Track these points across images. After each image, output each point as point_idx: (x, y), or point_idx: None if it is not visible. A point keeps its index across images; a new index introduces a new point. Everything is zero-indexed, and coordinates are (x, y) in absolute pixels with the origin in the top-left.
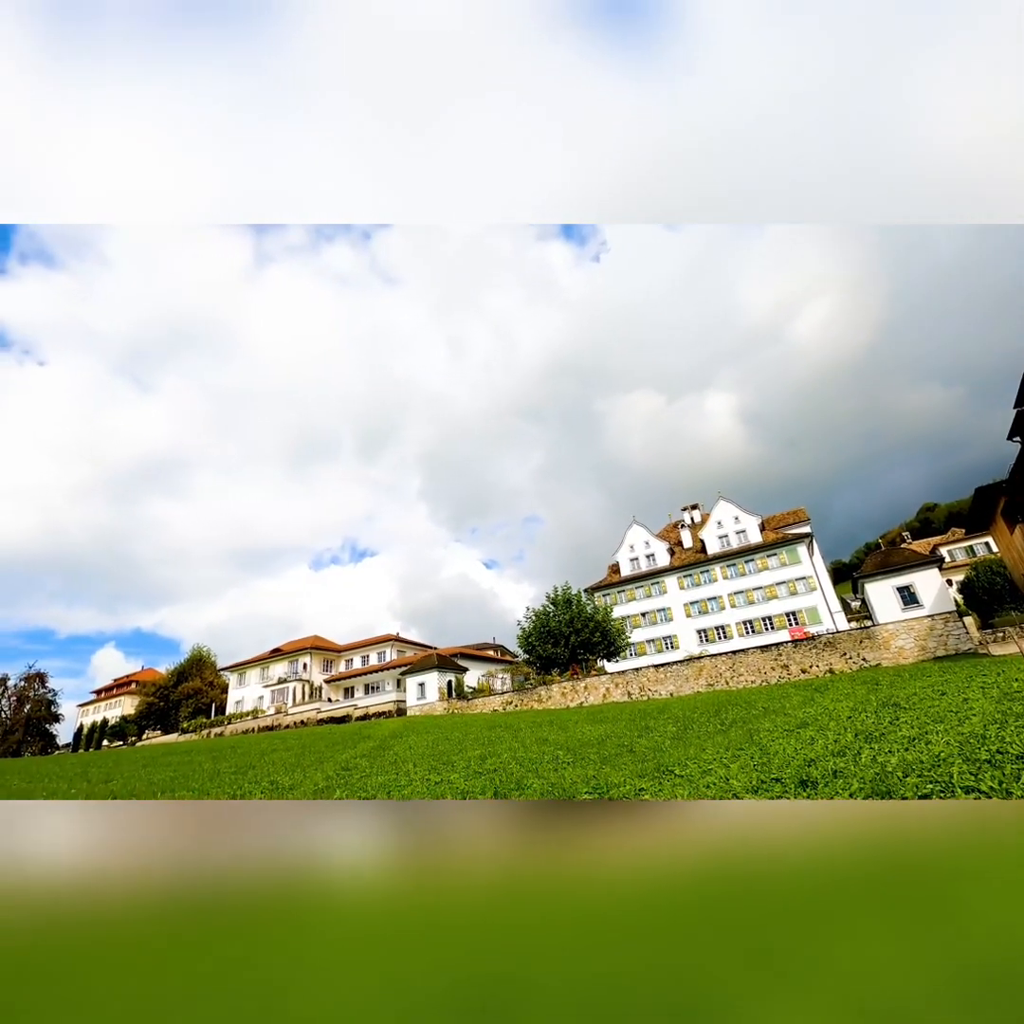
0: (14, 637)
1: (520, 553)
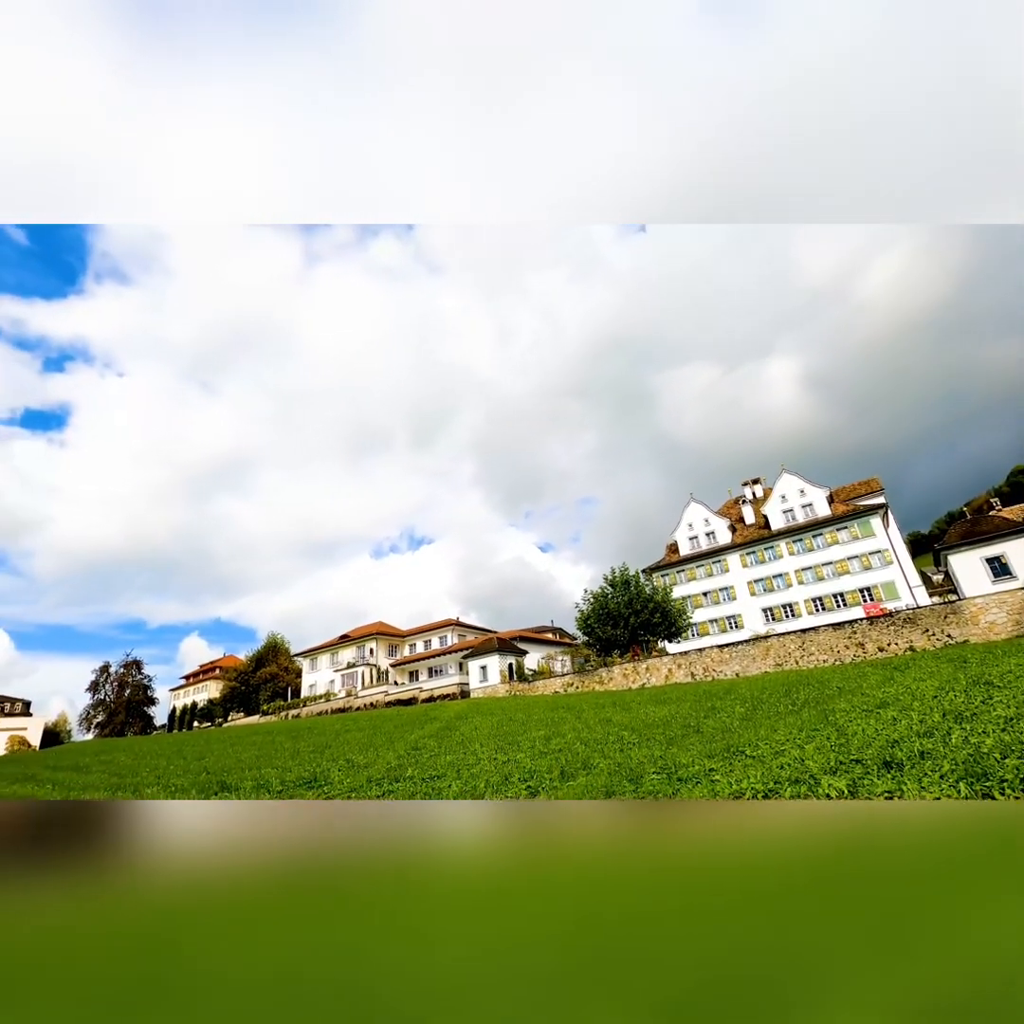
0: (112, 628)
1: (576, 535)
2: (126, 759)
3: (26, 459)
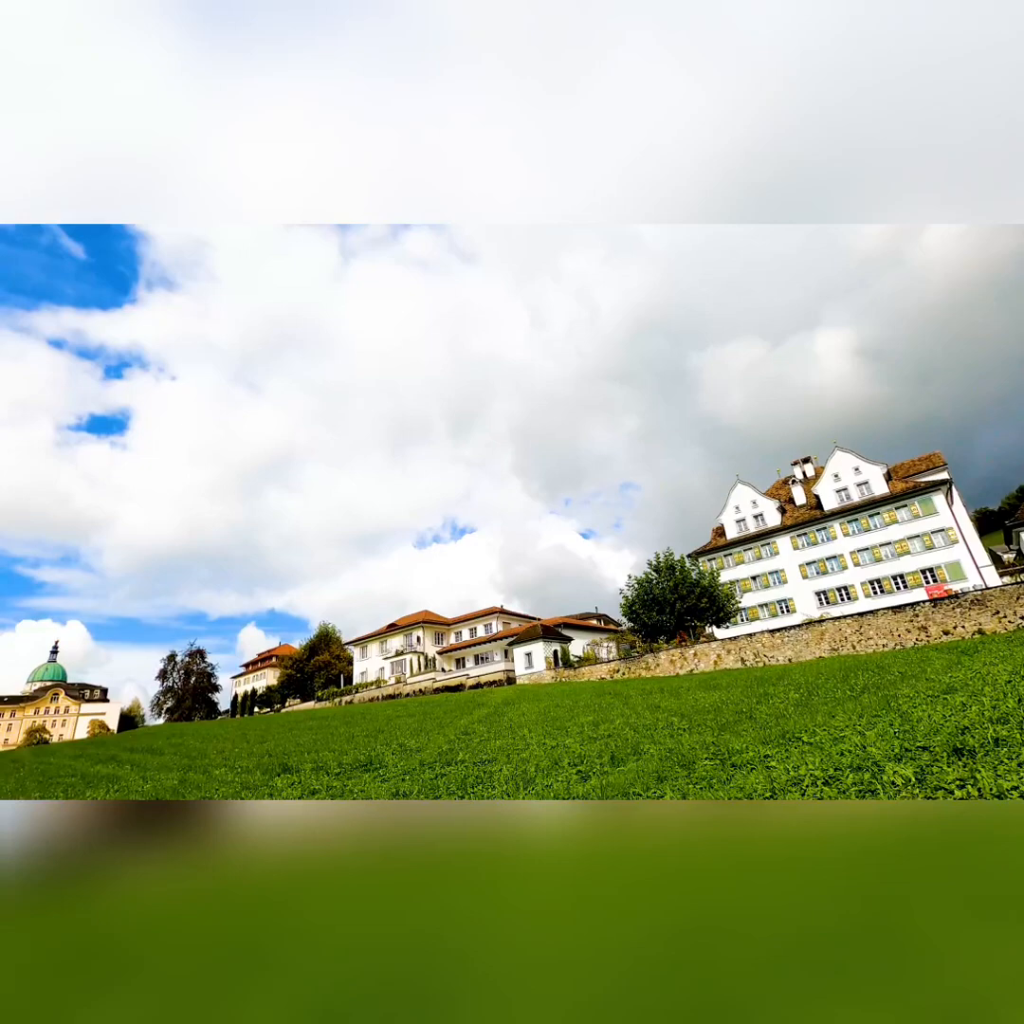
0: (176, 620)
1: (618, 521)
2: (195, 742)
3: (92, 462)
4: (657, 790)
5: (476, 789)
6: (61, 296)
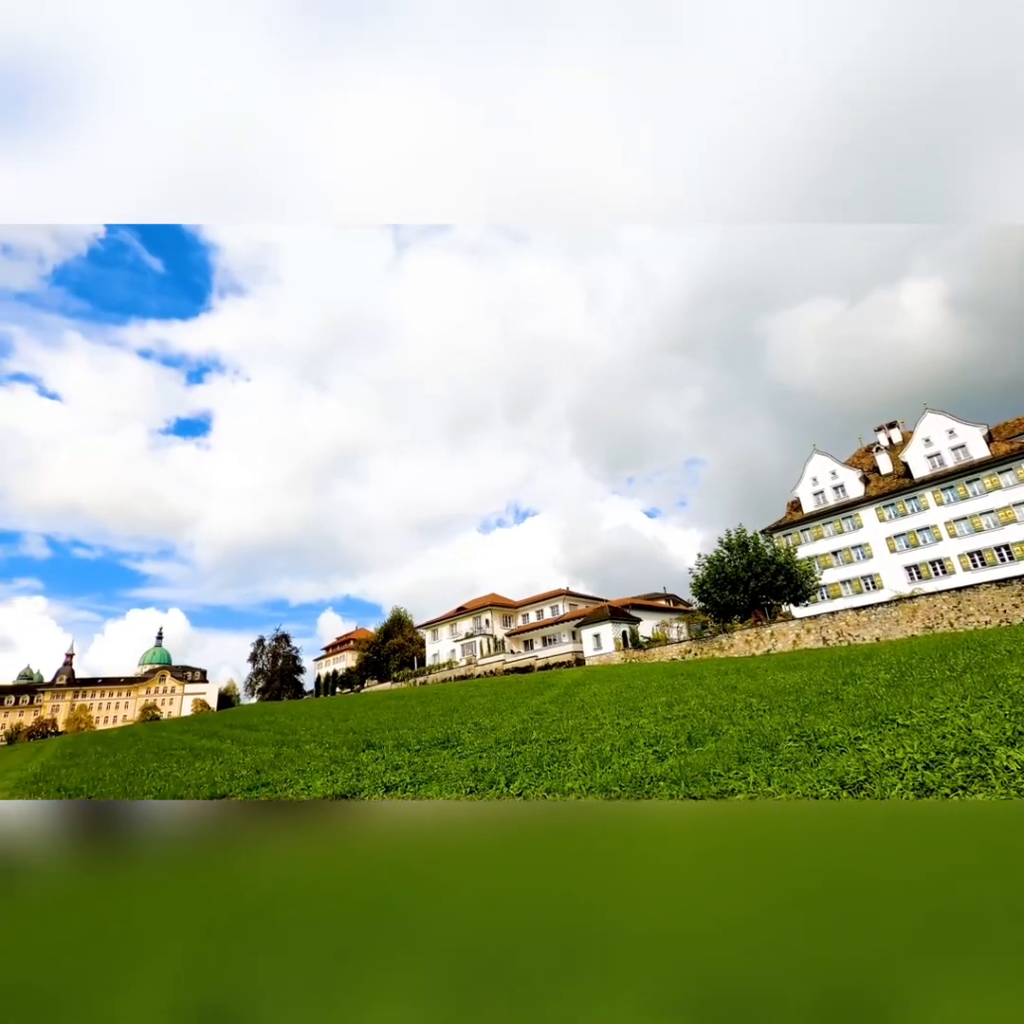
0: (261, 607)
1: (683, 499)
2: (285, 720)
3: (181, 463)
4: (739, 771)
5: (552, 767)
6: (145, 309)
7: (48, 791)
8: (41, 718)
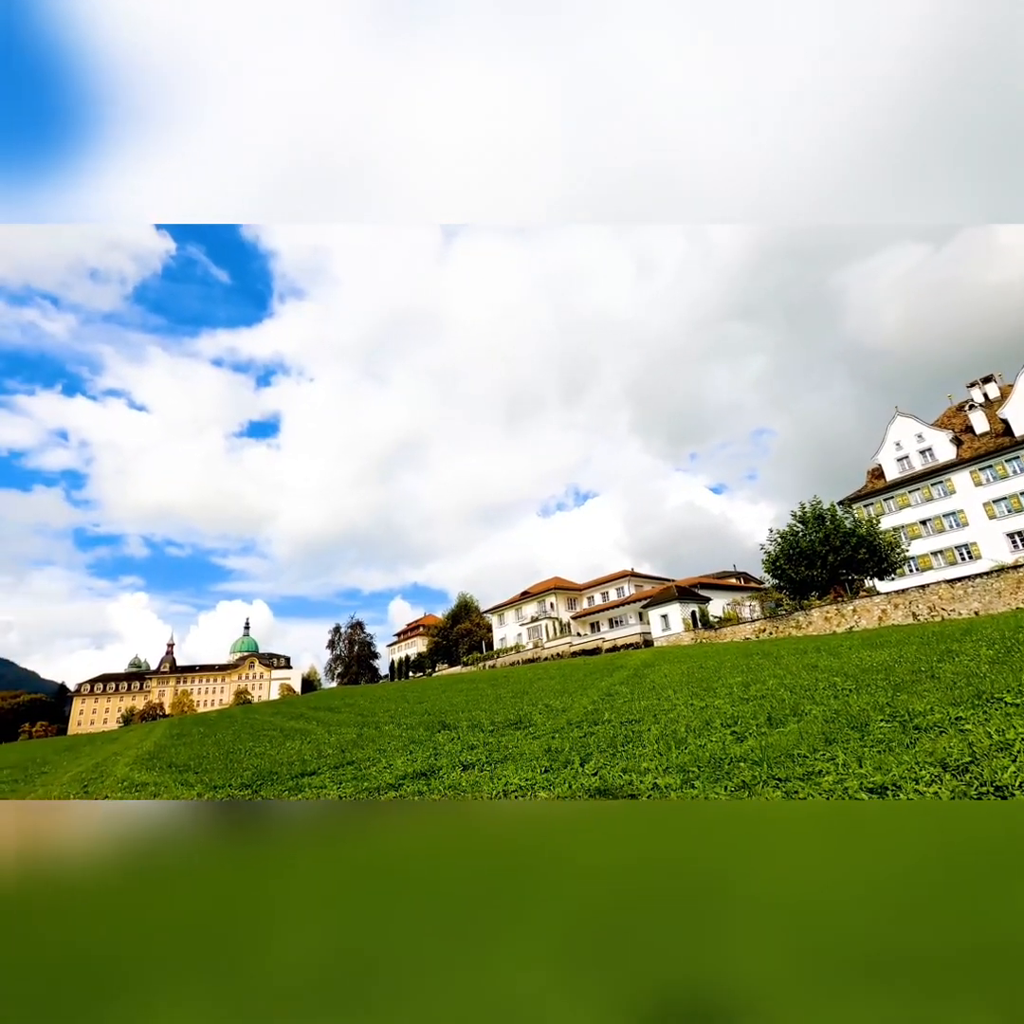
0: (335, 597)
1: (751, 472)
2: (364, 702)
3: (255, 463)
4: (826, 752)
5: (626, 748)
6: (215, 319)
7: (161, 767)
8: (150, 702)
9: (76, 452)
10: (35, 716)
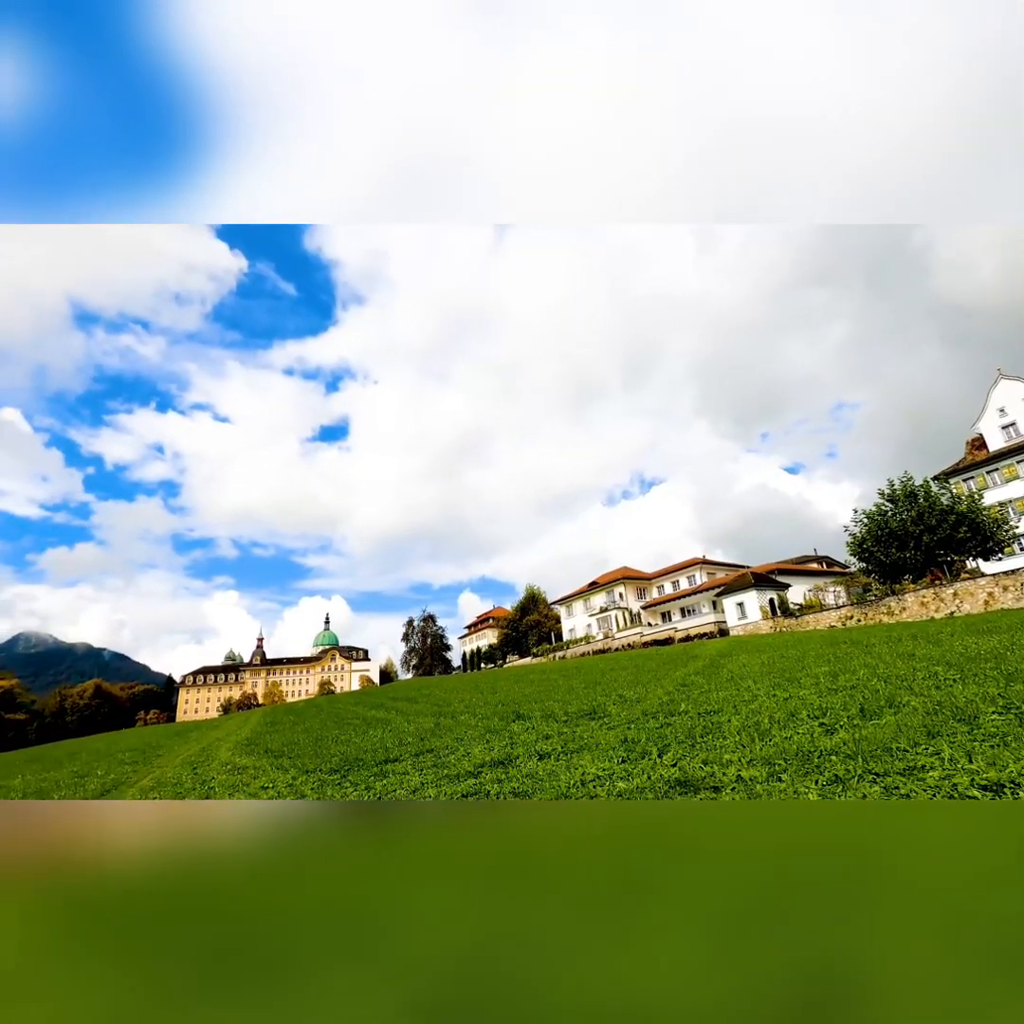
0: (407, 591)
1: (831, 449)
2: (439, 693)
3: (328, 466)
4: (929, 745)
5: (706, 739)
6: (284, 331)
7: (258, 752)
8: (245, 692)
9: (170, 463)
10: (148, 705)
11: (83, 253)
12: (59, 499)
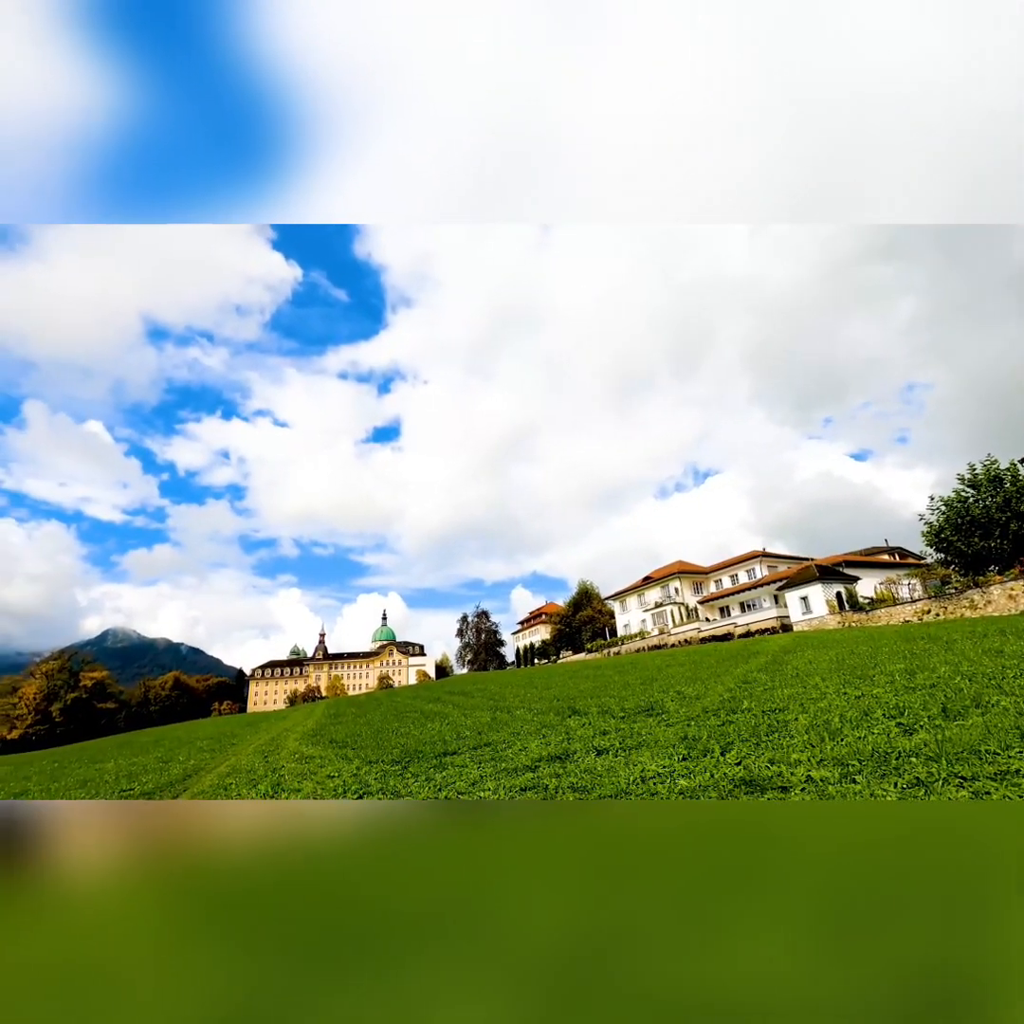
0: (460, 587)
1: (902, 433)
2: (494, 688)
3: (381, 466)
4: (1023, 748)
5: (771, 738)
6: (338, 336)
7: (323, 743)
8: (309, 686)
9: (236, 468)
10: (222, 696)
11: (153, 272)
12: (138, 504)
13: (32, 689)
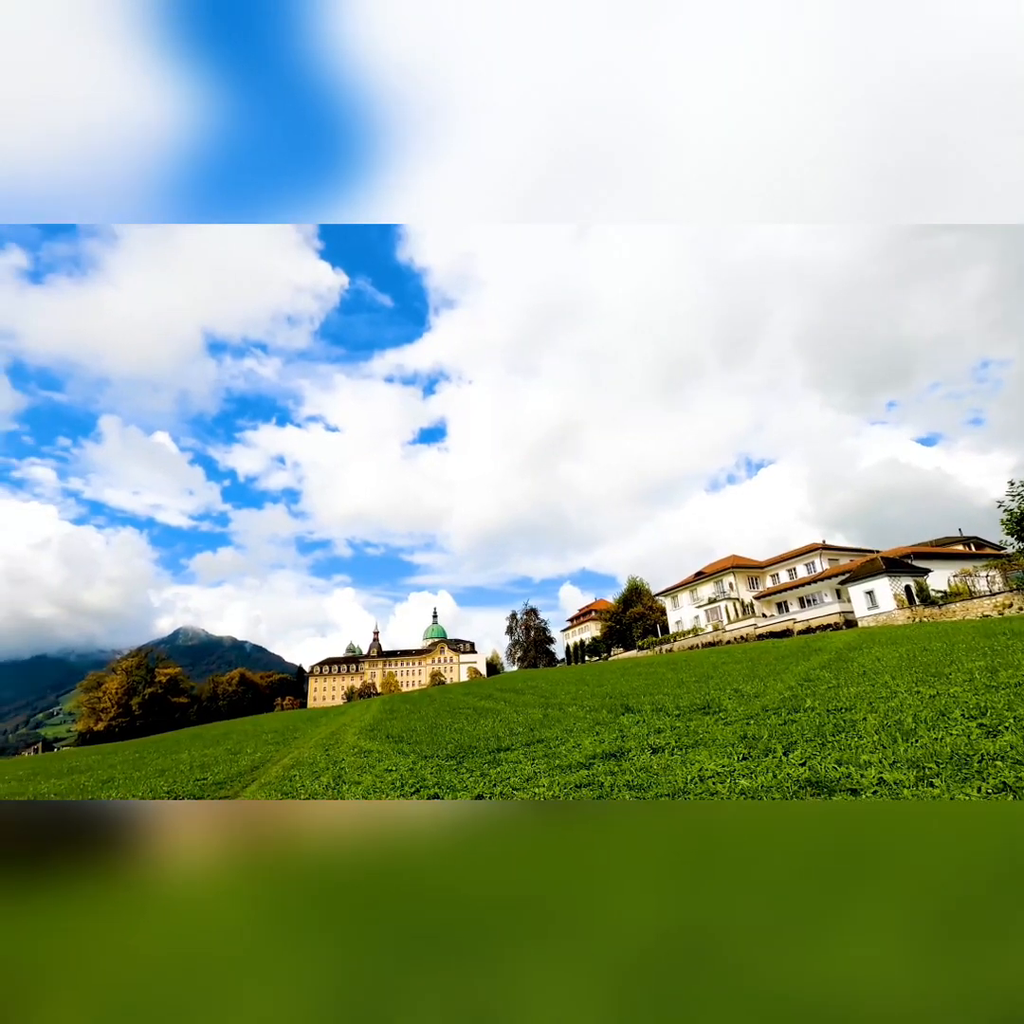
0: (508, 585)
1: (976, 415)
2: (545, 685)
3: (429, 466)
4: None
5: (837, 738)
6: (383, 341)
7: (380, 737)
8: (365, 682)
9: (291, 473)
10: (284, 692)
11: (211, 288)
12: (203, 510)
13: (114, 684)
